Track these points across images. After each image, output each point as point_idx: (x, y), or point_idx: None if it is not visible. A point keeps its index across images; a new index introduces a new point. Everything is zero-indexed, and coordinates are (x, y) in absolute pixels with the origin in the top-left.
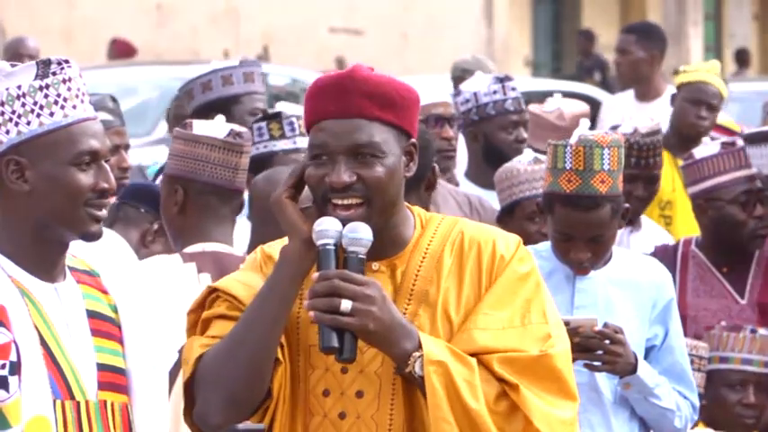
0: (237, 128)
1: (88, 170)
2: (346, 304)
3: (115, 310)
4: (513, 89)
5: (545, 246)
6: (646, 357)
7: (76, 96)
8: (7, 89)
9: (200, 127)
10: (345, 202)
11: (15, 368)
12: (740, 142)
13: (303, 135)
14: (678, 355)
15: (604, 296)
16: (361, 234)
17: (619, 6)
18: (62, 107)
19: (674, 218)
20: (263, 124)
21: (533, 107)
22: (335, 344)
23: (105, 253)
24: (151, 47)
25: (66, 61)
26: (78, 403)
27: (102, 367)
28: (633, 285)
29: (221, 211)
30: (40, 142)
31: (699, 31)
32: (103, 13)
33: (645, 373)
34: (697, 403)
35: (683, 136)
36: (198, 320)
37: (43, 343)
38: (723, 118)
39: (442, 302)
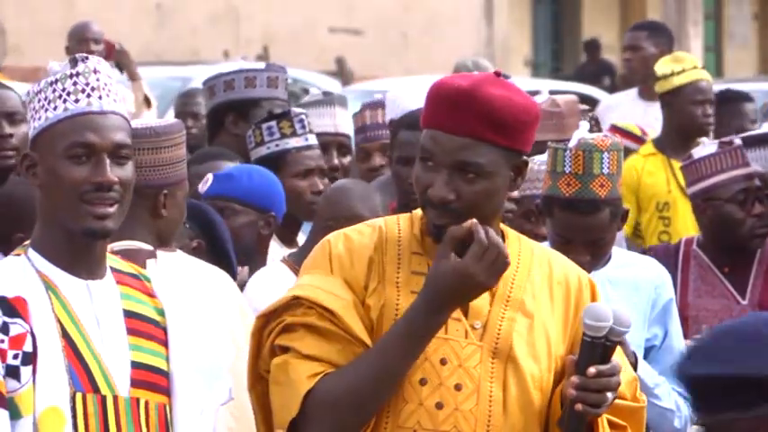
0: (136, 125)
1: (84, 164)
2: (608, 397)
3: (161, 314)
4: None
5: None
6: (645, 357)
7: (82, 91)
8: (34, 87)
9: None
10: (440, 221)
11: (29, 359)
12: (738, 141)
13: (311, 132)
14: (677, 355)
15: (604, 296)
16: (627, 328)
17: (619, 6)
18: (64, 101)
19: (673, 219)
20: (273, 123)
21: None
22: None
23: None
24: (151, 47)
25: (86, 58)
26: (104, 397)
27: (137, 365)
28: (632, 286)
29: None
30: (44, 136)
31: (699, 31)
32: (103, 13)
33: (644, 373)
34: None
35: (690, 137)
36: (274, 324)
37: (65, 335)
38: (625, 121)
39: (539, 314)
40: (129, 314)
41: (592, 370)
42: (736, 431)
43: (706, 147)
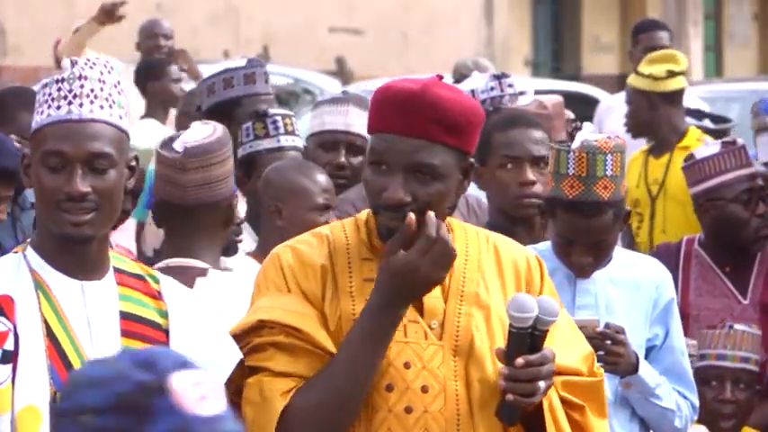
0: (193, 143)
1: (59, 172)
2: (540, 386)
3: (164, 316)
4: (511, 85)
5: (545, 245)
6: (646, 357)
7: (64, 97)
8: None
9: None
10: (393, 224)
11: (9, 357)
12: (740, 141)
13: (288, 134)
14: (678, 355)
15: (605, 296)
16: (554, 318)
17: (619, 6)
18: (49, 106)
19: (647, 215)
20: (250, 124)
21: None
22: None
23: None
24: None
25: (76, 62)
26: None
27: None
28: (633, 285)
29: (182, 228)
30: (32, 140)
31: (699, 31)
32: None
33: (646, 373)
34: (697, 403)
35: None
36: (242, 345)
37: (50, 335)
38: None
39: (494, 305)
40: (125, 316)
41: (520, 360)
42: None
43: (708, 147)
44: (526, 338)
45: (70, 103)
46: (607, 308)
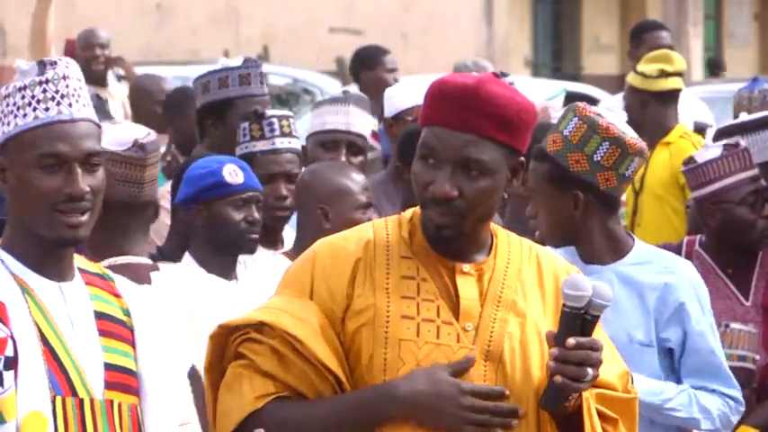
0: (144, 138)
1: (56, 174)
2: (589, 373)
3: (127, 314)
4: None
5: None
6: (668, 358)
7: (52, 98)
8: (2, 90)
9: (105, 140)
10: (441, 221)
11: (11, 363)
12: (743, 143)
13: (284, 135)
14: (706, 355)
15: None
16: (607, 302)
17: (619, 6)
18: (34, 108)
19: (629, 211)
20: (247, 125)
21: None
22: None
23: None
24: (151, 47)
25: (54, 63)
26: (82, 400)
27: (109, 367)
28: (641, 285)
29: (130, 224)
30: (14, 143)
31: (699, 31)
32: (103, 13)
33: (647, 392)
34: (739, 395)
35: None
36: (239, 333)
37: (43, 339)
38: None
39: (531, 314)
40: (99, 315)
41: (571, 341)
42: None
43: (709, 149)
44: (578, 321)
45: (59, 103)
46: (612, 307)
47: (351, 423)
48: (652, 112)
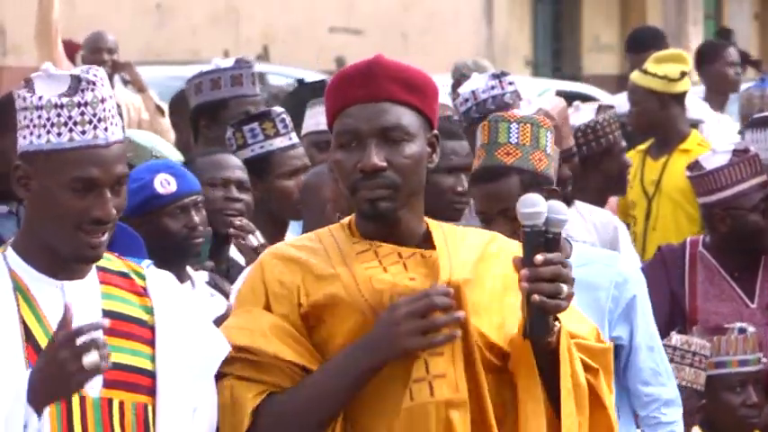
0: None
1: (86, 196)
2: (563, 289)
3: (149, 312)
4: (511, 83)
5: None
6: (617, 357)
7: (89, 122)
8: (31, 96)
9: None
10: (374, 194)
11: None
12: (753, 149)
13: (293, 130)
14: (644, 353)
15: None
16: (564, 216)
17: (619, 6)
18: (71, 130)
19: (642, 216)
20: (255, 125)
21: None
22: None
23: None
24: (151, 47)
25: (93, 83)
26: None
27: (112, 365)
28: (590, 285)
29: None
30: (44, 158)
31: (699, 31)
32: (103, 13)
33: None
34: (676, 390)
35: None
36: None
37: (29, 337)
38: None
39: (481, 300)
40: (108, 314)
41: (539, 257)
42: None
43: (717, 155)
44: (540, 239)
45: (95, 127)
46: None
47: (338, 390)
48: (671, 113)
